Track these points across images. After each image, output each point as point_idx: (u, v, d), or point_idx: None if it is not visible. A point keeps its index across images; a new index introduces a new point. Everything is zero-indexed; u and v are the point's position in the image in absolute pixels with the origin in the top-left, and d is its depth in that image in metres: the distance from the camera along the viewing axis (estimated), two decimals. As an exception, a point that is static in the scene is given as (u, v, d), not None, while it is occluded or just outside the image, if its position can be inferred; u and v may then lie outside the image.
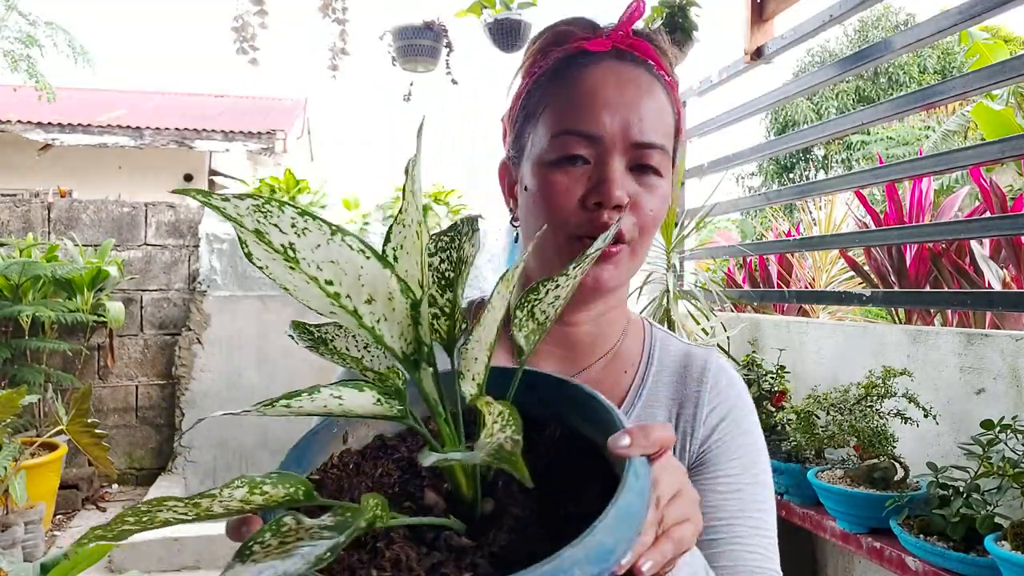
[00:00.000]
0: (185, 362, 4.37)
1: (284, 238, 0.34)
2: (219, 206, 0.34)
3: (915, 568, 1.44)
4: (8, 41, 5.92)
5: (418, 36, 3.50)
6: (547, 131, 0.71)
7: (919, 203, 2.89)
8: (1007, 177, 6.68)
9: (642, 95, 0.71)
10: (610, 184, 0.68)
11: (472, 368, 0.42)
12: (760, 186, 17.23)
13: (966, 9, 1.72)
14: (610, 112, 0.69)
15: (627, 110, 0.70)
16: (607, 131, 0.69)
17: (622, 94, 0.70)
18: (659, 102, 0.72)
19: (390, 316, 0.38)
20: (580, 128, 0.69)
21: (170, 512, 0.34)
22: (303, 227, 0.34)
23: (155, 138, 8.80)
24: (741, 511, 0.72)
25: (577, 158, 0.70)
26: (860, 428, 1.66)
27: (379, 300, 0.37)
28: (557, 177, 0.70)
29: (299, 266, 0.35)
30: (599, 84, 0.70)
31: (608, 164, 0.69)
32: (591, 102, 0.70)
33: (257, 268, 0.36)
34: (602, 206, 0.68)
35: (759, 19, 2.63)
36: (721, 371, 0.80)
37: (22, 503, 3.01)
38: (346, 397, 0.37)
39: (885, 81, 15.78)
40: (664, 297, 2.65)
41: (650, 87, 0.72)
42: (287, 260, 0.34)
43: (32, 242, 4.04)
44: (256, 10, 3.45)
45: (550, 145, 0.70)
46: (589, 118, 0.69)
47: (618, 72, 0.71)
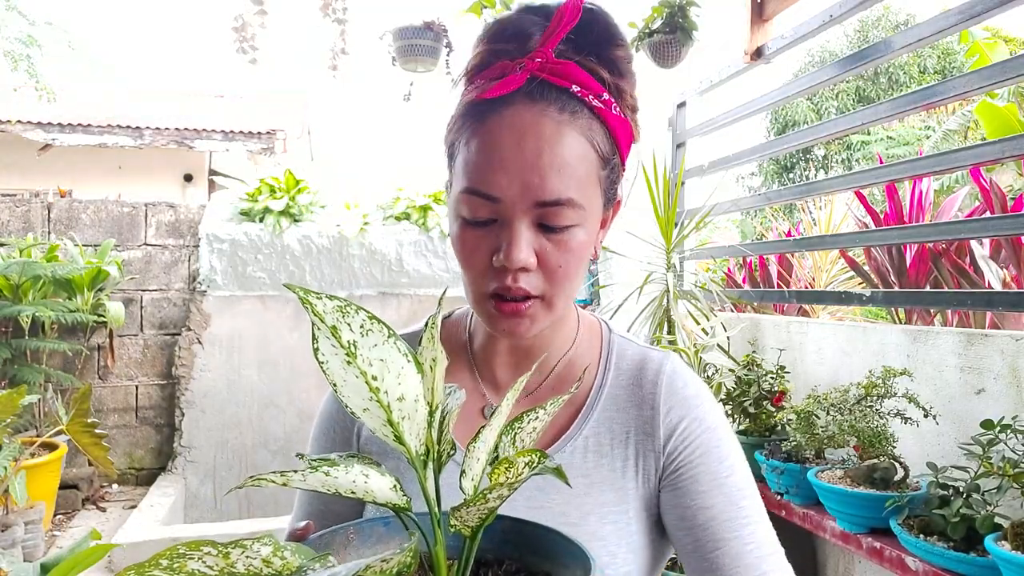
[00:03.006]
0: (185, 362, 4.37)
1: (351, 335, 0.40)
2: (312, 303, 0.39)
3: (915, 568, 1.44)
4: (8, 41, 5.92)
5: (418, 36, 3.50)
6: (458, 184, 0.69)
7: (919, 203, 2.89)
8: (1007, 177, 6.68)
9: (544, 146, 0.65)
10: (511, 248, 0.65)
11: (473, 468, 0.46)
12: (760, 186, 17.23)
13: (966, 9, 1.72)
14: (507, 174, 0.65)
15: (526, 171, 0.65)
16: (506, 194, 0.65)
17: (521, 151, 0.65)
18: (569, 147, 0.66)
19: (412, 416, 0.43)
20: (481, 190, 0.66)
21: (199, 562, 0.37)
22: (368, 328, 0.41)
23: (155, 138, 8.80)
24: (728, 504, 0.72)
25: (485, 220, 0.67)
26: (860, 428, 1.66)
27: (408, 400, 0.42)
28: (467, 235, 0.69)
29: (355, 361, 0.40)
30: (497, 140, 0.66)
31: (510, 227, 0.66)
32: (488, 162, 0.66)
33: (318, 362, 0.41)
34: (507, 268, 0.67)
35: (759, 19, 2.64)
36: (675, 373, 0.79)
37: (22, 503, 3.01)
38: (372, 477, 0.42)
39: (885, 81, 15.77)
40: (664, 297, 2.65)
41: (557, 131, 0.66)
42: (348, 355, 0.40)
43: (32, 242, 4.04)
44: (256, 10, 3.45)
45: (458, 200, 0.68)
46: (488, 180, 0.65)
47: (522, 120, 0.65)
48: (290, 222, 4.49)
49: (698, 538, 0.72)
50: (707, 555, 0.71)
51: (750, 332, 2.63)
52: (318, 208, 4.61)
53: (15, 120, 8.18)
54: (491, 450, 0.46)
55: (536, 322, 0.71)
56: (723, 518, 0.72)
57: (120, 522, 3.66)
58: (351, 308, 0.40)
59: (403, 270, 4.58)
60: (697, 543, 0.72)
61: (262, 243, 4.43)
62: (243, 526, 3.44)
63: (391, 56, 3.60)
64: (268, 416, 4.43)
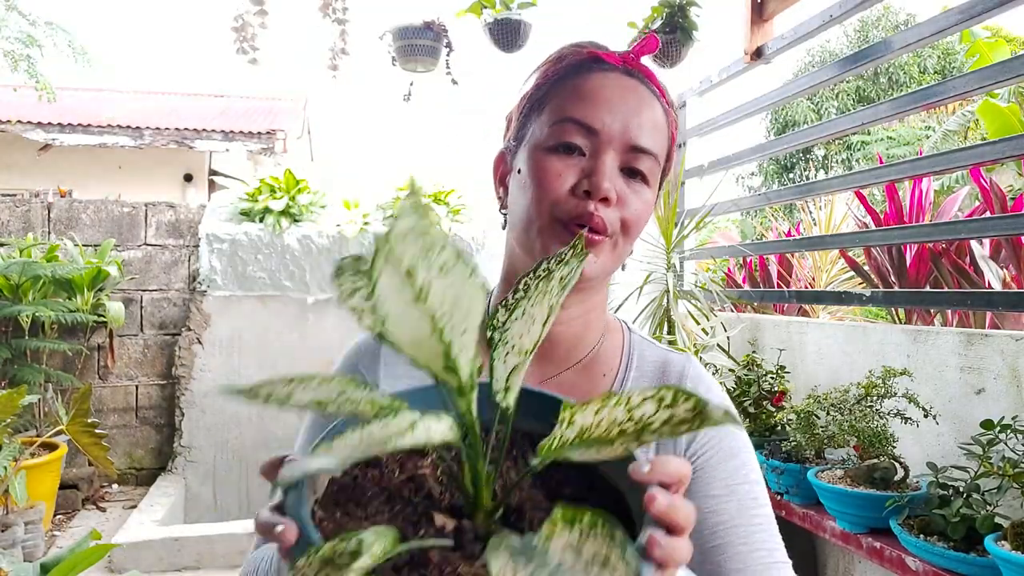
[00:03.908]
0: (185, 362, 4.37)
1: (428, 276, 0.36)
2: (393, 246, 0.35)
3: (915, 568, 1.44)
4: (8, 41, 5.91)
5: (418, 36, 3.50)
6: (549, 119, 0.74)
7: (919, 203, 2.89)
8: (1007, 177, 6.68)
9: (643, 106, 0.75)
10: (600, 176, 0.71)
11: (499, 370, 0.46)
12: (760, 186, 17.23)
13: (966, 9, 1.72)
14: (611, 112, 0.72)
15: (628, 114, 0.73)
16: (605, 127, 0.72)
17: (625, 99, 0.74)
18: (658, 118, 0.76)
19: (467, 348, 0.40)
20: (580, 118, 0.72)
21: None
22: (450, 267, 0.37)
23: (155, 138, 8.80)
24: (740, 511, 0.72)
25: (574, 147, 0.72)
26: (860, 428, 1.66)
27: (469, 333, 0.40)
28: (552, 162, 0.72)
29: (427, 301, 0.37)
30: (605, 86, 0.74)
31: (601, 158, 0.72)
32: (594, 98, 0.73)
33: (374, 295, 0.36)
34: (590, 196, 0.71)
35: (759, 19, 2.64)
36: (699, 378, 0.81)
37: (22, 503, 3.02)
38: (434, 428, 0.39)
39: (885, 81, 15.77)
40: (664, 297, 2.65)
41: (652, 103, 0.76)
42: (418, 297, 0.36)
43: (32, 242, 4.04)
44: (256, 10, 3.45)
45: (550, 131, 0.73)
46: (591, 111, 0.72)
47: (624, 82, 0.75)
48: (290, 222, 4.49)
49: (705, 540, 0.72)
50: (713, 559, 0.71)
51: (750, 332, 2.63)
52: (318, 208, 4.61)
53: (15, 120, 8.18)
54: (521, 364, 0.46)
55: (602, 260, 0.74)
56: (732, 524, 0.71)
57: (120, 522, 3.66)
58: (437, 247, 0.36)
59: (403, 270, 4.58)
60: (703, 546, 0.72)
61: (262, 243, 4.43)
62: (243, 526, 3.44)
63: (391, 56, 3.60)
64: (268, 416, 4.43)
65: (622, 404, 0.40)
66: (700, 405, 0.38)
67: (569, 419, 0.42)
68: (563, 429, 0.42)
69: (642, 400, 0.39)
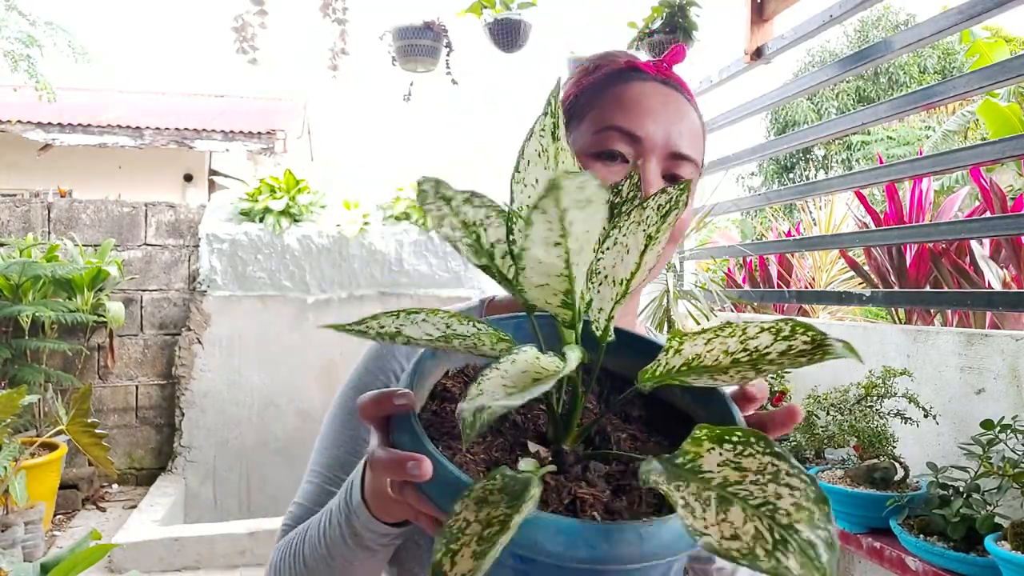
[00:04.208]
0: (185, 362, 4.37)
1: (574, 214, 0.34)
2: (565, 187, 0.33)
3: (915, 568, 1.44)
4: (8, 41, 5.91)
5: (418, 36, 3.50)
6: (591, 127, 0.76)
7: (919, 203, 2.89)
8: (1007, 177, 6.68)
9: (684, 115, 0.77)
10: (646, 184, 0.72)
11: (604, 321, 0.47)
12: (760, 186, 17.23)
13: (966, 9, 1.72)
14: (653, 119, 0.74)
15: (669, 122, 0.75)
16: (648, 135, 0.74)
17: (666, 108, 0.76)
18: (695, 125, 0.79)
19: (582, 279, 0.41)
20: (625, 126, 0.74)
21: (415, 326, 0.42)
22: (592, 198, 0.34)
23: (155, 138, 8.80)
24: None
25: (616, 155, 0.74)
26: (860, 428, 1.66)
27: (584, 265, 0.40)
28: (596, 169, 0.74)
29: (567, 241, 0.36)
30: (646, 95, 0.76)
31: (646, 167, 0.73)
32: (636, 106, 0.75)
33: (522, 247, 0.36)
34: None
35: (759, 19, 2.64)
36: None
37: (22, 503, 3.01)
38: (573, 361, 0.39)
39: (885, 81, 15.77)
40: (664, 297, 2.65)
41: (690, 113, 0.79)
42: (562, 235, 0.35)
43: (32, 242, 4.04)
44: (256, 10, 3.45)
45: (593, 139, 0.75)
46: (634, 119, 0.74)
47: (663, 91, 0.77)
48: (290, 222, 4.49)
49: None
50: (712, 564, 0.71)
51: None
52: (318, 208, 4.61)
53: (15, 120, 8.18)
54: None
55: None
56: None
57: (120, 522, 3.66)
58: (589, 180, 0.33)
59: (403, 270, 4.58)
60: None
61: (262, 243, 4.43)
62: (244, 526, 3.44)
63: (391, 56, 3.60)
64: (268, 416, 4.43)
65: (736, 335, 0.40)
66: (819, 337, 0.37)
67: (677, 347, 0.42)
68: (668, 356, 0.42)
69: (758, 332, 0.39)
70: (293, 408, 4.44)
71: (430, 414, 0.48)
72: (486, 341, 0.42)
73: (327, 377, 4.48)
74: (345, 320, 0.40)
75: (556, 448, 0.44)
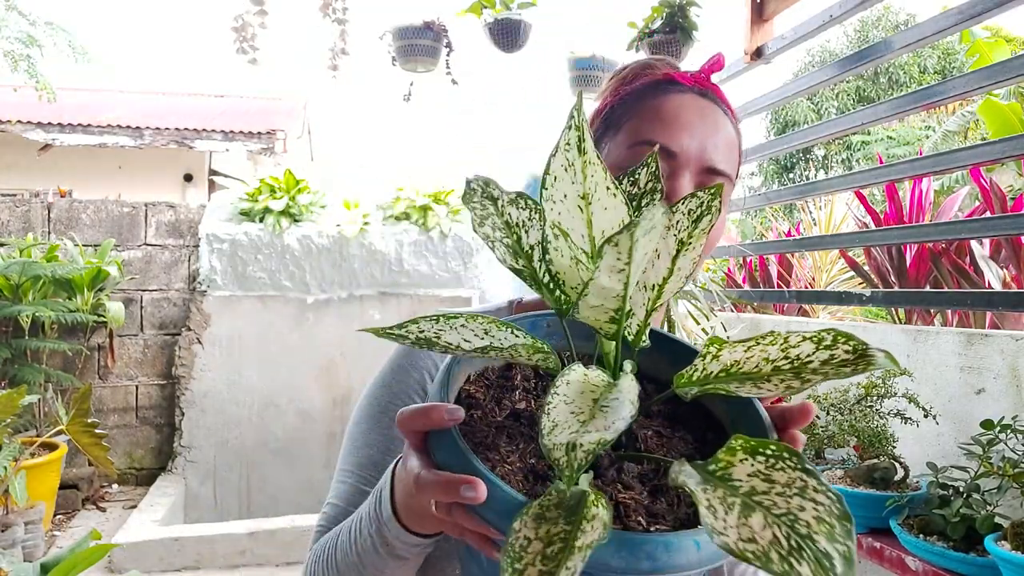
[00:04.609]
0: (185, 362, 4.37)
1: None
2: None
3: (915, 568, 1.44)
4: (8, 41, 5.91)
5: (418, 36, 3.50)
6: (626, 140, 0.76)
7: (919, 203, 2.89)
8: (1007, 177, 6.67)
9: (720, 128, 0.77)
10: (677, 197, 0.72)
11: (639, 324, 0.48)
12: (760, 186, 17.22)
13: (966, 9, 1.72)
14: (689, 134, 0.74)
15: (705, 136, 0.75)
16: (684, 150, 0.74)
17: (703, 121, 0.76)
18: (731, 138, 0.78)
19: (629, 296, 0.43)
20: (661, 141, 0.73)
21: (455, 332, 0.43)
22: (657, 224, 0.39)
23: (155, 138, 8.80)
24: None
25: None
26: (860, 428, 1.66)
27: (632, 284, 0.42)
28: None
29: (630, 268, 0.39)
30: (683, 108, 0.76)
31: (678, 180, 0.74)
32: (673, 120, 0.75)
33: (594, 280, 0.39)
34: None
35: (759, 19, 2.63)
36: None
37: (22, 503, 3.01)
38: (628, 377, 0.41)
39: (885, 81, 15.77)
40: (664, 297, 2.65)
41: (726, 125, 0.78)
42: (627, 263, 0.38)
43: (32, 242, 4.04)
44: (256, 10, 3.45)
45: (628, 153, 0.75)
46: (670, 134, 0.74)
47: (700, 104, 0.77)
48: (290, 222, 4.49)
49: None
50: None
51: (750, 332, 2.63)
52: (318, 208, 4.61)
53: (15, 120, 8.18)
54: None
55: None
56: None
57: (120, 522, 3.66)
58: (655, 207, 0.38)
59: (403, 270, 4.58)
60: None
61: (262, 243, 4.43)
62: (243, 526, 3.44)
63: (391, 56, 3.60)
64: (268, 416, 4.43)
65: (777, 343, 0.40)
66: (861, 347, 0.37)
67: (715, 353, 0.42)
68: (706, 362, 0.42)
69: (800, 340, 0.39)
70: (293, 408, 4.44)
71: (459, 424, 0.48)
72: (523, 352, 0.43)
73: (327, 377, 4.48)
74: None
75: None
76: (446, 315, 0.43)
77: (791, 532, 0.31)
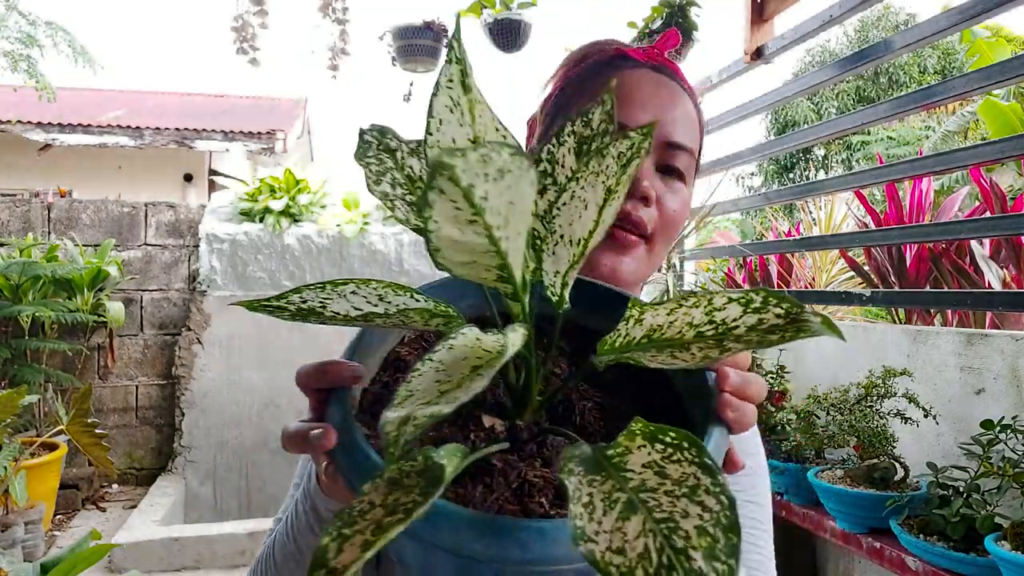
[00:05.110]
0: (185, 362, 4.37)
1: (485, 188, 0.29)
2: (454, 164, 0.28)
3: (915, 568, 1.44)
4: (8, 41, 5.91)
5: (418, 36, 3.50)
6: None
7: (919, 203, 2.89)
8: (1007, 177, 6.68)
9: (677, 102, 0.74)
10: (638, 178, 0.69)
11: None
12: (760, 186, 17.23)
13: (966, 9, 1.72)
14: (644, 109, 0.72)
15: (661, 110, 0.72)
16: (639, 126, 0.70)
17: (658, 95, 0.73)
18: (690, 112, 0.75)
19: (519, 249, 0.35)
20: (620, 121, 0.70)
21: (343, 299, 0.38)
22: (507, 168, 0.30)
23: (155, 138, 8.80)
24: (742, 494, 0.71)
25: None
26: (860, 428, 1.66)
27: (522, 235, 0.34)
28: None
29: (483, 217, 0.30)
30: (636, 84, 0.73)
31: None
32: (628, 97, 0.72)
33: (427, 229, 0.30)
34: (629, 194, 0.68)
35: (759, 19, 2.63)
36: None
37: (22, 503, 3.01)
38: (516, 341, 0.34)
39: (885, 81, 15.77)
40: (664, 297, 2.65)
41: (684, 100, 0.75)
42: (474, 214, 0.30)
43: (32, 242, 4.04)
44: (256, 10, 3.46)
45: None
46: (626, 112, 0.71)
47: (655, 79, 0.74)
48: (290, 222, 4.49)
49: None
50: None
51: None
52: (318, 208, 4.61)
53: (15, 120, 8.18)
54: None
55: (637, 265, 0.72)
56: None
57: (120, 522, 3.66)
58: (495, 151, 0.29)
59: (403, 270, 4.58)
60: None
61: (262, 243, 4.43)
62: (243, 526, 3.44)
63: (391, 56, 3.60)
64: (268, 416, 4.43)
65: (700, 305, 0.35)
66: (794, 311, 0.32)
67: (637, 317, 0.37)
68: (629, 327, 0.38)
69: (726, 302, 0.34)
70: (293, 408, 4.44)
71: (380, 386, 0.44)
72: (416, 317, 0.37)
73: (327, 377, 4.48)
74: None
75: (511, 424, 0.40)
76: (334, 282, 0.39)
77: (665, 544, 0.27)
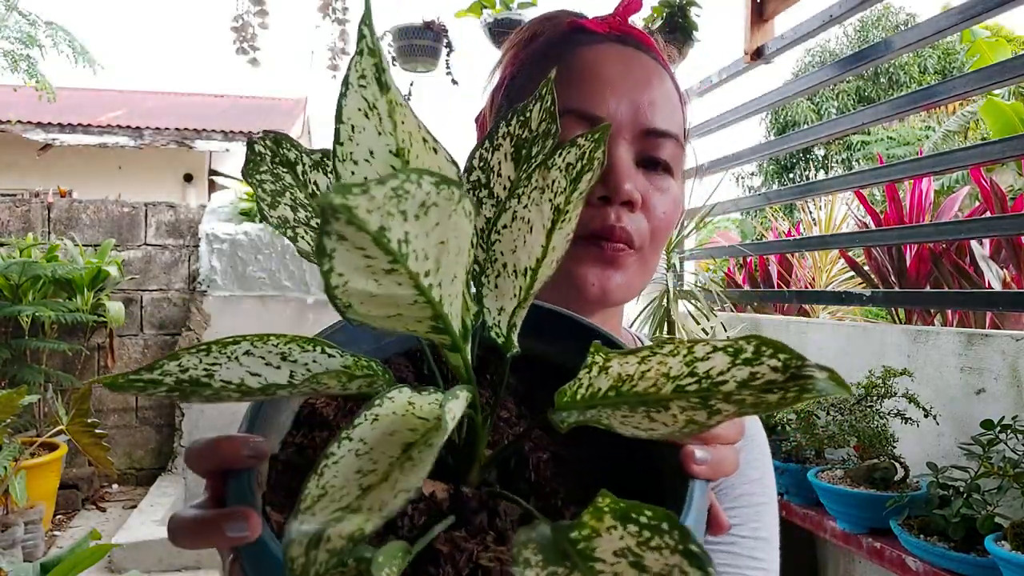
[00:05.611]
0: (185, 362, 4.37)
1: (404, 229, 0.23)
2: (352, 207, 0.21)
3: (915, 568, 1.44)
4: (8, 41, 5.91)
5: (418, 36, 3.50)
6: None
7: (919, 203, 2.89)
8: (1007, 177, 6.68)
9: (651, 78, 0.60)
10: (618, 175, 0.57)
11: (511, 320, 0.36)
12: (760, 186, 17.23)
13: (966, 9, 1.72)
14: (615, 93, 0.58)
15: (636, 92, 0.59)
16: (611, 113, 0.57)
17: (629, 73, 0.59)
18: (670, 90, 0.62)
19: (457, 295, 0.28)
20: (579, 107, 0.58)
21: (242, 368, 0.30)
22: (432, 202, 0.23)
23: (155, 138, 8.81)
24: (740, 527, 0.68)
25: None
26: (860, 428, 1.66)
27: (459, 280, 0.28)
28: None
29: (406, 264, 0.24)
30: (601, 61, 0.60)
31: (614, 152, 0.57)
32: (592, 79, 0.59)
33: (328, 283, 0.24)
34: (609, 201, 0.57)
35: (759, 19, 2.63)
36: None
37: (22, 503, 3.01)
38: (457, 408, 0.27)
39: (885, 81, 15.78)
40: (664, 297, 2.65)
41: (659, 72, 0.62)
42: (392, 262, 0.23)
43: (32, 242, 4.04)
44: (256, 10, 3.46)
45: None
46: (591, 97, 0.58)
47: (622, 53, 0.61)
48: (290, 222, 4.49)
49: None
50: None
51: (750, 332, 2.63)
52: (318, 208, 4.61)
53: (15, 120, 8.18)
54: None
55: (629, 280, 0.60)
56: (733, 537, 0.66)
57: (120, 522, 3.66)
58: (412, 182, 0.22)
59: (403, 270, 4.58)
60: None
61: (262, 243, 4.43)
62: (243, 526, 3.44)
63: (391, 56, 3.60)
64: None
65: (679, 354, 0.28)
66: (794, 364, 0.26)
67: (602, 364, 0.30)
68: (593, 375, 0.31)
69: (709, 351, 0.27)
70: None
71: (293, 450, 0.36)
72: (330, 383, 0.30)
73: (327, 377, 4.48)
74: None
75: (455, 490, 0.33)
76: (221, 342, 0.30)
77: None
